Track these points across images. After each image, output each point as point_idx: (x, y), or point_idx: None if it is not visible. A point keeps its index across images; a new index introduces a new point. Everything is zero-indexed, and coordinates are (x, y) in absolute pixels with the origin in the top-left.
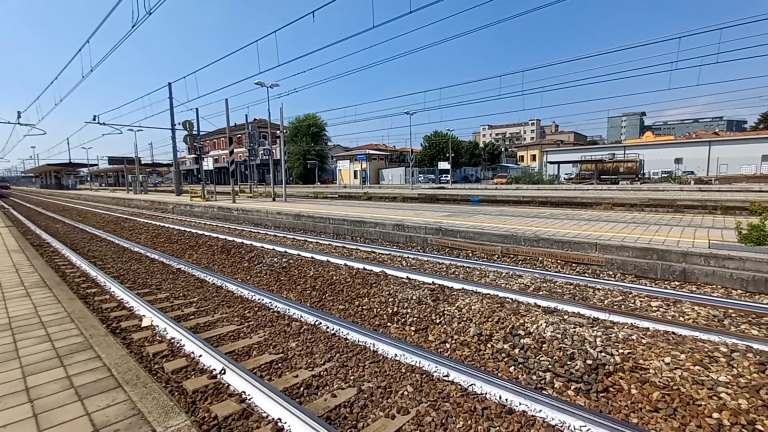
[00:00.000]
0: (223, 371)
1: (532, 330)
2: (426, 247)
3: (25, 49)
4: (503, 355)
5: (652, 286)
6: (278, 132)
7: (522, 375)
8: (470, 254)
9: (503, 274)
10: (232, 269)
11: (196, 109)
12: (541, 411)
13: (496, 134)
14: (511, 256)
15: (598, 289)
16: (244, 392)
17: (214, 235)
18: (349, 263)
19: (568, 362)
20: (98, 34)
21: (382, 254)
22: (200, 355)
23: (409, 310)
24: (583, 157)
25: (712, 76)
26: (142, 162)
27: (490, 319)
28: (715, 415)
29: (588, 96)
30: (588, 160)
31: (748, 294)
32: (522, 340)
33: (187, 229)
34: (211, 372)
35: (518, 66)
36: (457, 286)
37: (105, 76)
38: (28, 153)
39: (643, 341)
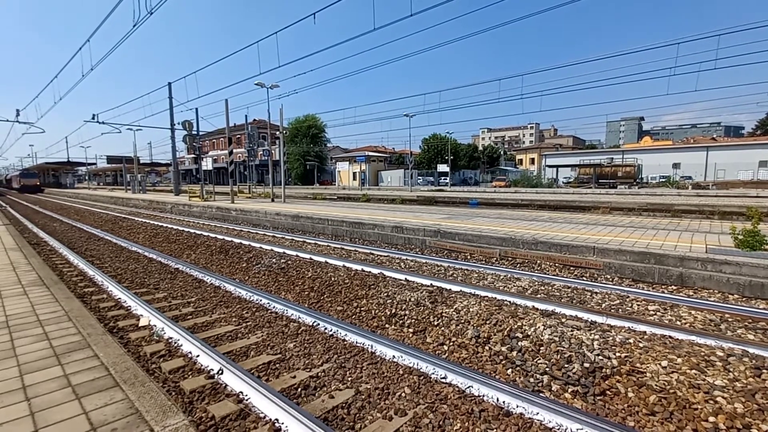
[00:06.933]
0: (220, 371)
1: (529, 333)
2: (424, 249)
3: (25, 48)
4: (501, 357)
5: (649, 290)
6: (278, 133)
7: (519, 377)
8: (468, 257)
9: (501, 277)
10: (230, 269)
11: (196, 109)
12: (538, 414)
13: (495, 137)
14: (510, 259)
15: (596, 293)
16: (241, 392)
17: (213, 235)
18: (348, 264)
19: (566, 365)
20: (99, 33)
21: (381, 256)
22: (198, 355)
23: (407, 312)
24: (581, 161)
25: (710, 82)
26: (141, 161)
27: (488, 322)
28: (711, 418)
29: (587, 100)
30: (586, 164)
31: (744, 299)
32: (520, 343)
33: (186, 229)
34: (208, 372)
35: (517, 70)
36: (455, 288)
37: (105, 76)
38: (27, 151)
39: (640, 345)
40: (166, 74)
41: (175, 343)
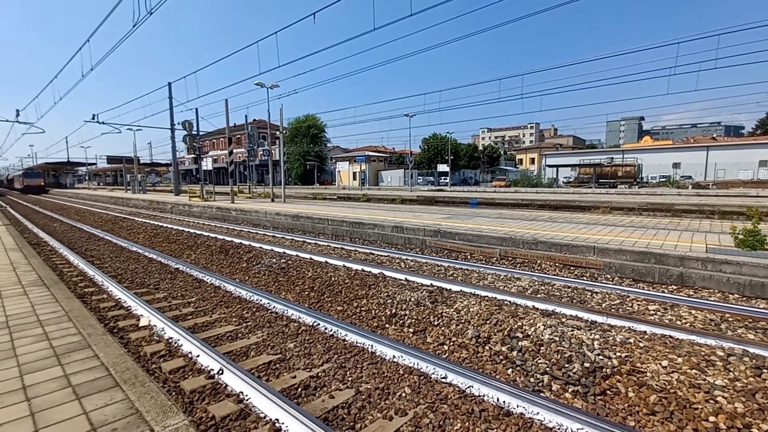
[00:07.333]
0: (220, 371)
1: (530, 333)
2: (424, 249)
3: (25, 48)
4: (501, 357)
5: (649, 290)
6: (278, 133)
7: (520, 377)
8: (469, 257)
9: (501, 277)
10: (230, 269)
11: (196, 109)
12: (538, 413)
13: (495, 137)
14: (510, 258)
15: (596, 293)
16: (241, 392)
17: (213, 235)
18: (348, 264)
19: (566, 365)
20: (99, 33)
21: (381, 256)
22: (198, 355)
23: (407, 312)
24: (581, 161)
25: (710, 82)
26: (141, 161)
27: (488, 322)
28: (712, 418)
29: (587, 100)
30: (586, 164)
31: (744, 298)
32: (520, 343)
33: (186, 229)
34: (208, 372)
35: (517, 70)
36: (455, 288)
37: (105, 76)
38: (27, 151)
39: (641, 344)
40: (166, 74)
41: (176, 343)
